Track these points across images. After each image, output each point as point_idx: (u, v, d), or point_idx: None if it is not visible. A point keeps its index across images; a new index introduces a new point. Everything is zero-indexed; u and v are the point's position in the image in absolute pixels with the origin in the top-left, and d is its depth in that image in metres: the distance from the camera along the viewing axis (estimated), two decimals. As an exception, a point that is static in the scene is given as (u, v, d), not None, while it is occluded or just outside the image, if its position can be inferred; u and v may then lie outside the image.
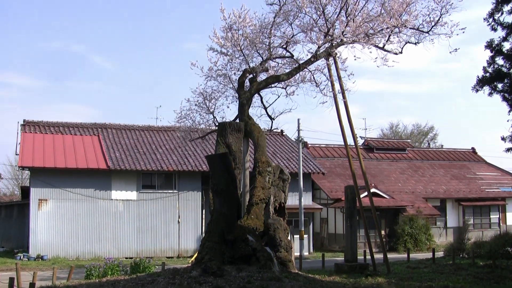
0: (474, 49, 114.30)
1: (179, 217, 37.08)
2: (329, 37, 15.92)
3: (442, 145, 68.24)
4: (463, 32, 16.47)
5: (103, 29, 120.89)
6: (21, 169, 40.82)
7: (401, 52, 16.95)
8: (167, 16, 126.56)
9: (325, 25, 16.01)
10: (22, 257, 33.19)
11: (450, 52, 16.62)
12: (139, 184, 36.61)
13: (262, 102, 17.19)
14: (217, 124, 16.79)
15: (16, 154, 37.06)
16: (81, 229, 35.00)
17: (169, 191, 37.21)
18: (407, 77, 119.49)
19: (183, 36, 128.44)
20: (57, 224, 34.53)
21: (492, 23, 27.81)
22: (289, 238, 15.47)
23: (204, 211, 37.11)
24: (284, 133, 46.05)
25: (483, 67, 28.37)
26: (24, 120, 39.23)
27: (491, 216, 47.48)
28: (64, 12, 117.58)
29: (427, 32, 16.73)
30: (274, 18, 16.05)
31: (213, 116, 17.25)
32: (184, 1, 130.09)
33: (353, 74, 16.92)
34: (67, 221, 34.79)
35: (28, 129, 38.56)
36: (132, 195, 36.31)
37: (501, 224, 47.37)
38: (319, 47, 16.04)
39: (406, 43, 17.06)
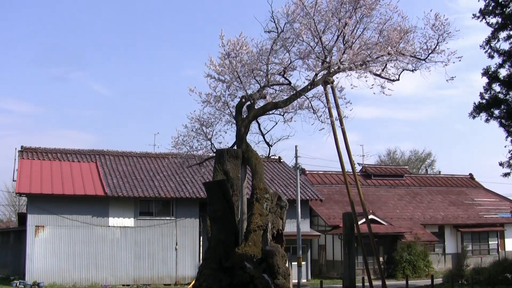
0: (472, 75, 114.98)
1: (176, 244, 36.95)
2: (327, 64, 15.96)
3: (440, 171, 68.26)
4: (460, 60, 16.50)
5: (101, 56, 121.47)
6: (18, 196, 40.71)
7: (398, 79, 16.99)
8: (166, 43, 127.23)
9: (322, 52, 16.06)
10: (18, 284, 33.02)
11: (447, 80, 16.66)
12: (136, 211, 36.54)
13: (259, 128, 17.15)
14: (214, 150, 16.78)
15: (13, 180, 37.02)
16: (78, 255, 34.84)
17: (167, 218, 37.13)
18: (405, 103, 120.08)
19: (181, 62, 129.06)
20: (54, 251, 34.38)
21: (489, 50, 28.04)
22: (287, 265, 15.39)
23: (201, 238, 37.00)
24: (282, 160, 46.06)
25: (480, 93, 28.56)
26: (22, 147, 39.25)
27: (489, 242, 47.31)
28: (63, 39, 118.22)
29: (424, 60, 16.76)
30: (272, 45, 16.09)
31: (211, 142, 17.22)
32: (183, 29, 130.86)
33: (350, 103, 16.87)
34: (64, 247, 34.63)
35: (25, 156, 38.54)
36: (129, 222, 36.22)
37: (499, 250, 47.20)
38: (316, 74, 16.08)
39: (403, 70, 17.08)
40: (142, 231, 36.41)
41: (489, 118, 28.24)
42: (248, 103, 16.43)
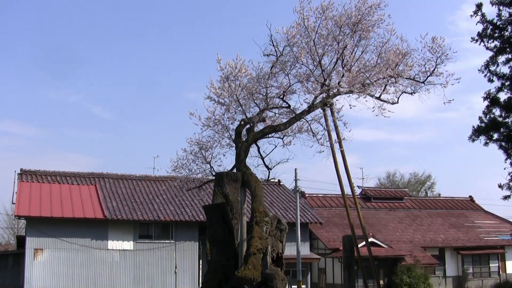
0: (472, 97, 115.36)
1: (176, 267, 36.79)
2: (326, 87, 15.99)
3: (439, 194, 68.16)
4: (458, 82, 16.56)
5: (101, 79, 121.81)
6: (17, 218, 40.57)
7: (397, 102, 17.03)
8: (167, 65, 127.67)
9: (321, 75, 16.10)
10: (16, 308, 32.80)
11: (444, 103, 16.70)
12: (135, 234, 36.43)
13: (259, 152, 17.13)
14: (214, 173, 16.76)
15: (12, 203, 36.95)
16: (77, 279, 34.67)
17: (166, 241, 37.00)
18: (405, 126, 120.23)
19: (182, 85, 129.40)
20: (53, 274, 34.21)
21: (488, 74, 28.14)
22: (286, 288, 15.32)
23: (201, 261, 36.86)
24: (281, 183, 46.02)
25: (479, 117, 28.59)
26: (21, 169, 39.20)
27: (490, 265, 47.12)
28: (63, 62, 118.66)
29: (423, 82, 16.82)
30: (271, 68, 16.13)
31: (210, 165, 17.20)
32: (184, 51, 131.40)
33: (349, 123, 16.90)
34: (63, 270, 34.47)
35: (25, 178, 38.51)
36: (128, 245, 36.09)
37: (500, 272, 47.00)
38: (315, 97, 16.10)
39: (402, 93, 17.12)
40: (141, 254, 36.28)
41: (488, 141, 28.26)
42: (248, 126, 16.45)
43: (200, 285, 26.79)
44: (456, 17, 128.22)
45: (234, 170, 16.39)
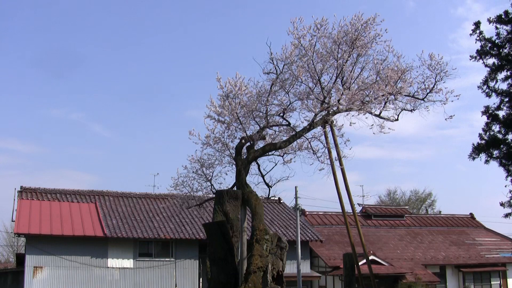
0: (473, 115, 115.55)
1: (176, 286, 36.64)
2: (326, 105, 16.00)
3: (440, 211, 68.04)
4: (458, 99, 16.58)
5: (101, 96, 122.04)
6: (16, 236, 40.45)
7: (397, 119, 17.03)
8: (167, 84, 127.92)
9: (321, 93, 16.13)
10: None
11: (445, 119, 16.71)
12: (135, 252, 36.32)
13: (259, 169, 17.11)
14: (214, 191, 16.73)
15: (12, 221, 36.87)
16: (76, 297, 34.52)
17: (166, 259, 36.89)
18: (406, 143, 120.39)
19: (183, 104, 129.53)
20: (52, 293, 34.07)
21: (487, 90, 28.19)
22: (287, 307, 15.26)
23: (201, 279, 36.72)
24: (281, 201, 45.94)
25: (479, 134, 28.64)
26: (21, 187, 39.18)
27: (492, 283, 46.91)
28: (64, 80, 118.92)
29: (422, 99, 16.83)
30: (271, 86, 16.14)
31: (211, 183, 17.18)
32: (185, 69, 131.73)
33: (349, 140, 16.89)
34: (62, 289, 34.34)
35: (25, 196, 38.46)
36: (128, 263, 35.97)
37: (502, 290, 46.84)
38: (315, 115, 16.10)
39: (401, 110, 17.12)
40: (141, 272, 36.15)
41: (488, 159, 28.28)
42: (248, 144, 16.44)
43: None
44: (458, 35, 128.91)
45: (235, 188, 16.38)
